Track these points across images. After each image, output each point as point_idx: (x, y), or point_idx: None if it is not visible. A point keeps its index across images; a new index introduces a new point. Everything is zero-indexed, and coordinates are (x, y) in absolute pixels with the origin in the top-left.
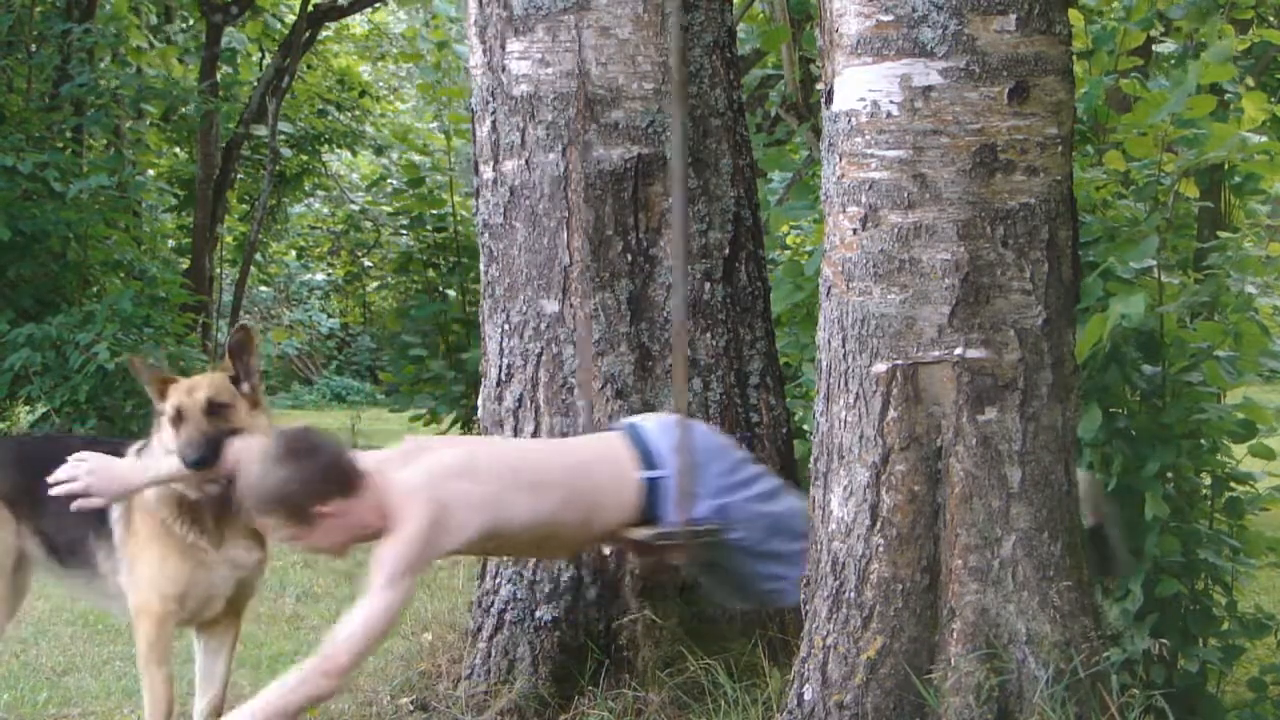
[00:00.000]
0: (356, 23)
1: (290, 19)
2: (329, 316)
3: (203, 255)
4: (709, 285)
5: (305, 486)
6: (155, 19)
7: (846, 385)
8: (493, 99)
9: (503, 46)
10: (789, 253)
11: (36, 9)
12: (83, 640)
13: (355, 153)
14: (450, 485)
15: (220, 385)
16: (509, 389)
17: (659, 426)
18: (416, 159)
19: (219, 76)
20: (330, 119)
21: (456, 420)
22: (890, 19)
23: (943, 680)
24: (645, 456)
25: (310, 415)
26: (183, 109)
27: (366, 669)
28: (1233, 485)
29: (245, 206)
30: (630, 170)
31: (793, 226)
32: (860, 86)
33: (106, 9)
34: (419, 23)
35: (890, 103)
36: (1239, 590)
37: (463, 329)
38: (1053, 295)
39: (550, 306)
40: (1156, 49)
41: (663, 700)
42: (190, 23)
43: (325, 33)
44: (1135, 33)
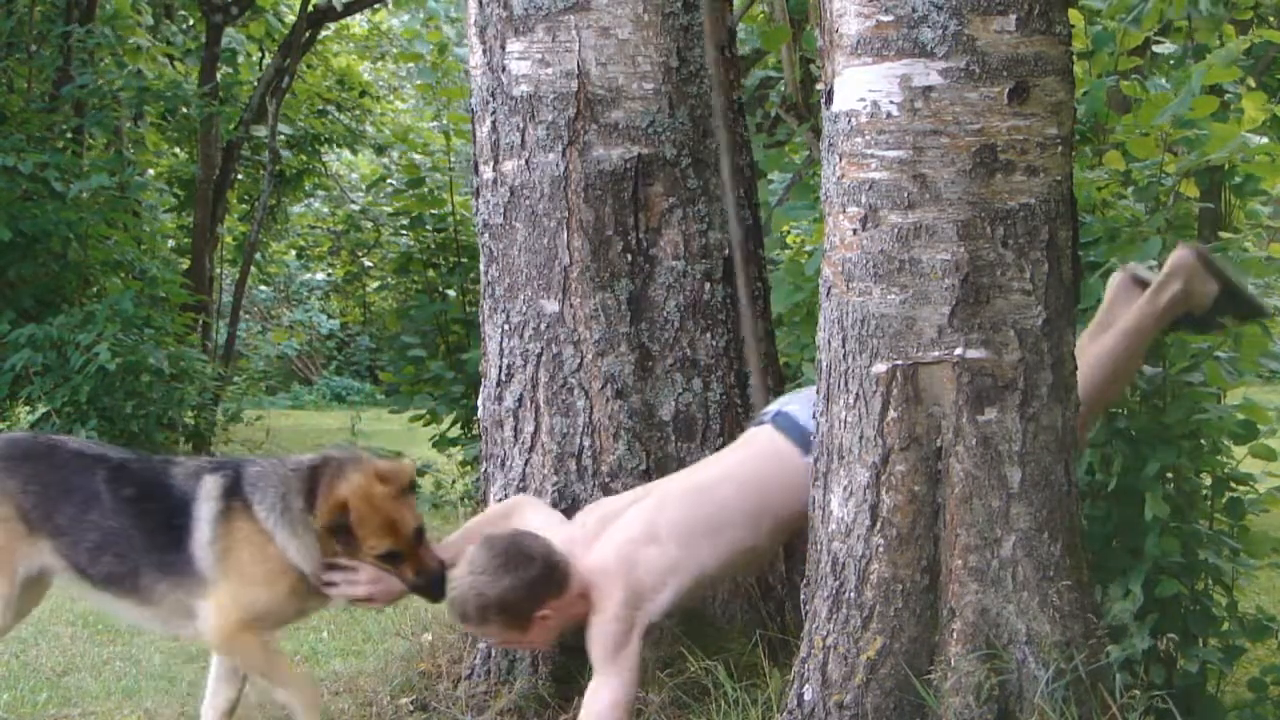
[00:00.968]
0: (356, 22)
1: (290, 19)
2: (329, 317)
3: (203, 255)
4: (709, 285)
5: (527, 594)
6: (153, 20)
7: (846, 385)
8: (493, 99)
9: (503, 46)
10: (789, 252)
11: (37, 9)
12: (83, 640)
13: (356, 152)
14: (639, 556)
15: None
16: (509, 389)
17: (803, 405)
18: (417, 159)
19: (219, 77)
20: (330, 118)
21: (456, 420)
22: (890, 19)
23: (943, 680)
24: (803, 440)
25: (310, 415)
26: (183, 110)
27: (366, 669)
28: (1233, 486)
29: (245, 206)
30: (630, 170)
31: (792, 226)
32: (860, 87)
33: (108, 8)
34: (417, 23)
35: (890, 103)
36: (1239, 591)
37: (463, 329)
38: (1053, 295)
39: (550, 306)
40: (1156, 49)
41: (663, 700)
42: (190, 23)
43: (325, 33)
44: (1135, 33)
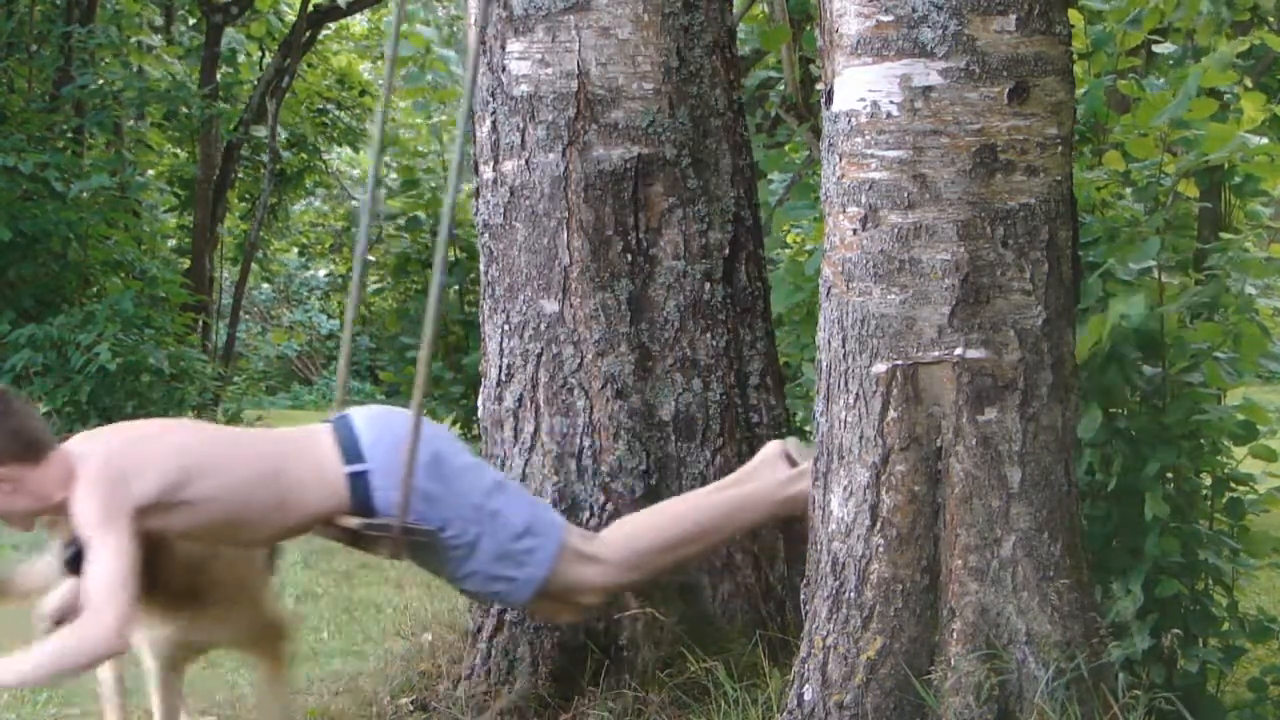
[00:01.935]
0: (356, 21)
1: (290, 19)
2: (329, 317)
3: (203, 255)
4: (709, 285)
5: None
6: (164, 19)
7: (846, 385)
8: (493, 99)
9: (503, 47)
10: (789, 252)
11: (37, 9)
12: None
13: (357, 149)
14: (130, 446)
15: None
16: (509, 389)
17: (367, 419)
18: (416, 157)
19: (219, 77)
20: (330, 115)
21: (456, 420)
22: (890, 19)
23: (943, 680)
24: (349, 449)
25: (310, 415)
26: (184, 110)
27: (366, 669)
28: (1233, 486)
29: (245, 204)
30: (630, 170)
31: (792, 225)
32: (860, 87)
33: (109, 8)
34: (408, 26)
35: (890, 103)
36: (1240, 591)
37: (462, 329)
38: (1053, 295)
39: (550, 306)
40: (1156, 49)
41: (663, 700)
42: (191, 23)
43: (324, 32)
44: (1134, 34)
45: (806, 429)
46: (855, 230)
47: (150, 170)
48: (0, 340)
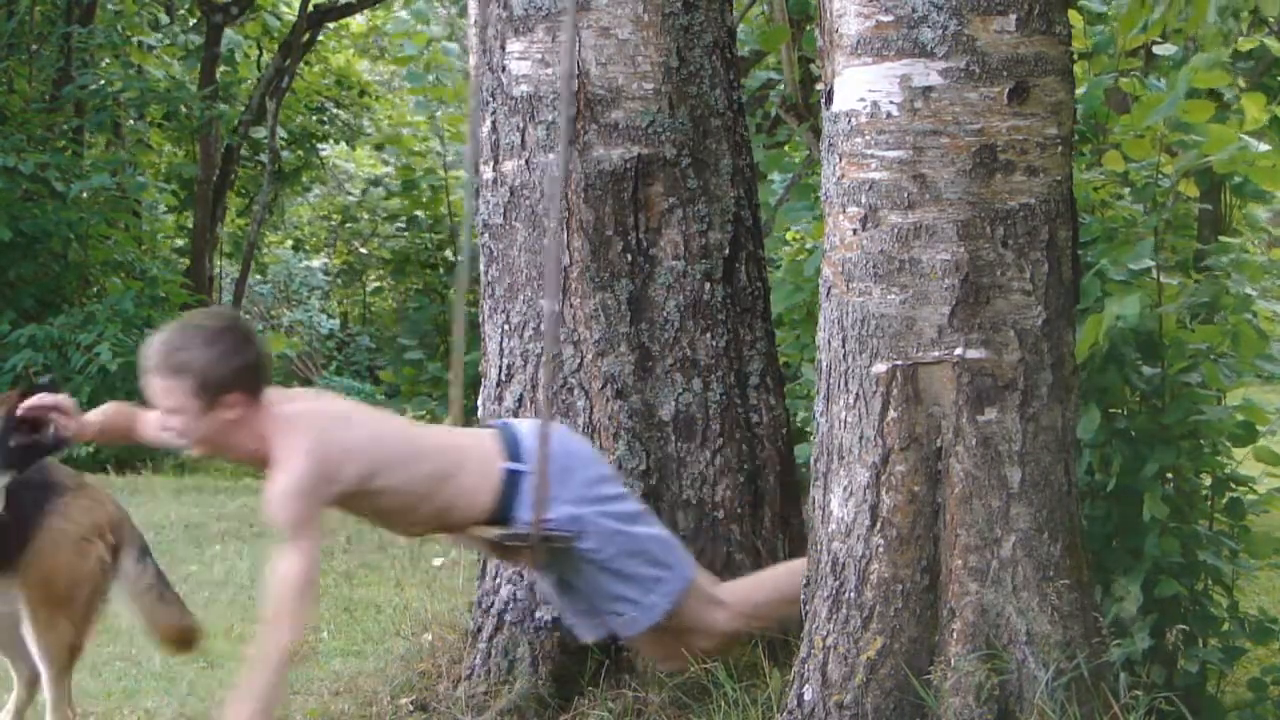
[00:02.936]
0: (355, 20)
1: (289, 17)
2: (329, 317)
3: (203, 255)
4: (709, 285)
5: (232, 370)
6: (168, 17)
7: (846, 385)
8: (492, 99)
9: (503, 47)
10: (789, 250)
11: (37, 9)
12: None
13: (354, 147)
14: (332, 430)
15: None
16: (509, 389)
17: (531, 426)
18: (413, 158)
19: (218, 76)
20: (328, 113)
21: (455, 421)
22: (890, 19)
23: (943, 680)
24: (512, 449)
25: None
26: (184, 110)
27: (366, 669)
28: (1233, 486)
29: (243, 200)
30: (630, 170)
31: (790, 225)
32: (860, 87)
33: (109, 9)
34: (411, 25)
35: (890, 103)
36: (1240, 592)
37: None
38: (1053, 295)
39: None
40: (1156, 50)
41: (663, 700)
42: (191, 23)
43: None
44: (1137, 37)
45: (807, 429)
46: (855, 230)
47: (149, 170)
48: (0, 340)
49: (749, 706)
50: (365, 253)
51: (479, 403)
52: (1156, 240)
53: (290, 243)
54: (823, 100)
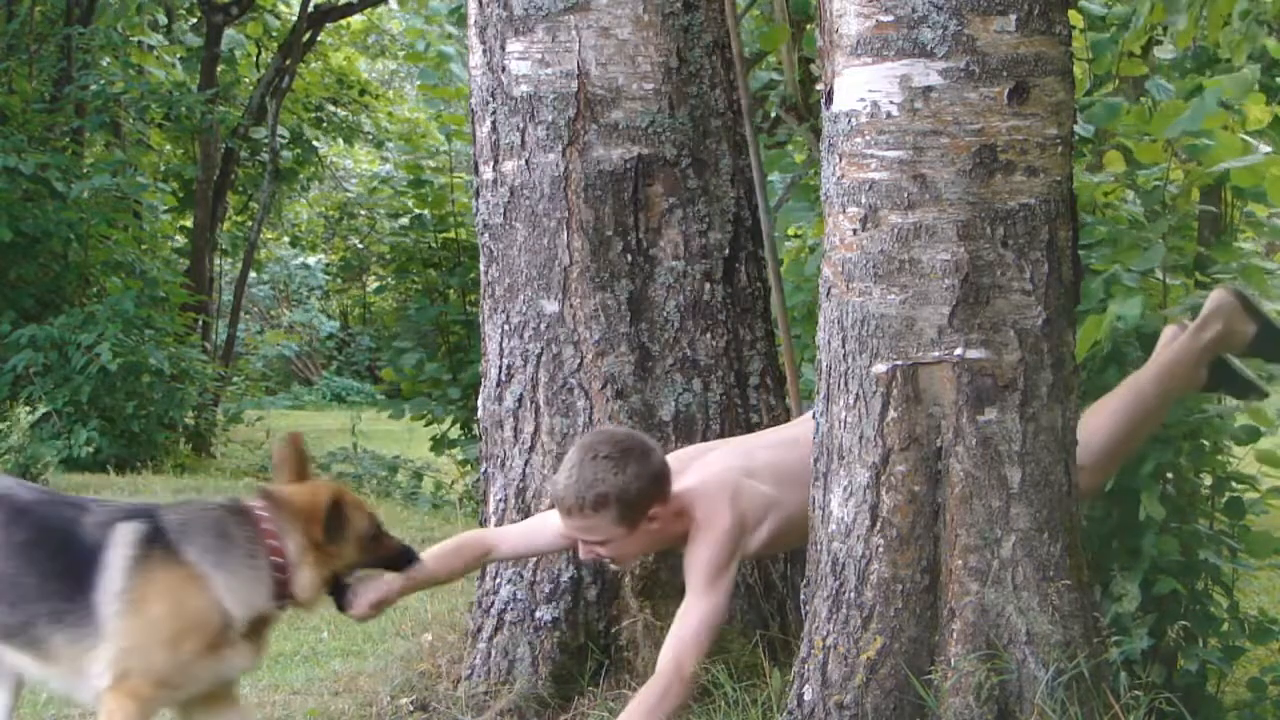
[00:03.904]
0: (355, 19)
1: (289, 17)
2: (329, 317)
3: (203, 255)
4: (709, 285)
5: (647, 487)
6: (166, 18)
7: (846, 385)
8: (493, 99)
9: (503, 47)
10: (789, 250)
11: (37, 9)
12: None
13: (352, 144)
14: (743, 485)
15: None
16: (509, 389)
17: None
18: (421, 155)
19: (218, 76)
20: (327, 111)
21: (455, 421)
22: (890, 19)
23: (943, 680)
24: None
25: (310, 415)
26: (184, 111)
27: (366, 669)
28: (1234, 485)
29: (242, 198)
30: (630, 170)
31: (791, 224)
32: (860, 87)
33: (109, 9)
34: (420, 21)
35: (890, 103)
36: (1240, 592)
37: (463, 330)
38: (1053, 295)
39: (550, 306)
40: (1156, 51)
41: None
42: (193, 22)
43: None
44: (1137, 35)
45: None
46: (855, 230)
47: (149, 170)
48: (1, 340)
49: (749, 706)
50: (363, 248)
51: (479, 403)
52: (1165, 244)
53: (287, 239)
54: (823, 100)
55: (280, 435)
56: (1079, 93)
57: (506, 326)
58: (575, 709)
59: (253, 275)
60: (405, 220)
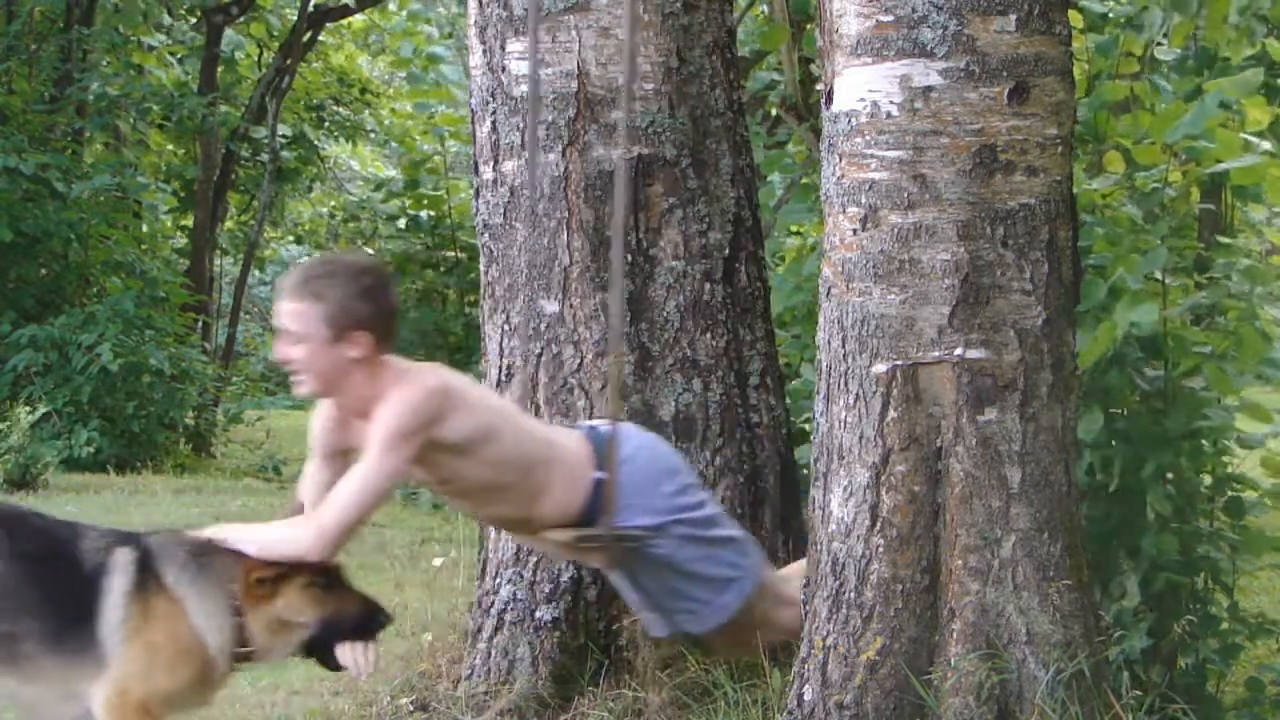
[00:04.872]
0: (355, 18)
1: (291, 18)
2: None
3: (203, 255)
4: (709, 285)
5: (368, 304)
6: (168, 17)
7: (846, 385)
8: (493, 99)
9: (503, 47)
10: (789, 249)
11: (38, 9)
12: None
13: (355, 144)
14: (459, 384)
15: None
16: (509, 389)
17: (623, 434)
18: (416, 156)
19: (219, 76)
20: (328, 110)
21: None
22: (890, 19)
23: (943, 680)
24: (599, 458)
25: (310, 416)
26: (185, 114)
27: None
28: (1234, 485)
29: (242, 196)
30: (630, 170)
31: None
32: (860, 87)
33: (109, 10)
34: (405, 25)
35: (890, 103)
36: (1240, 592)
37: (463, 330)
38: (1053, 295)
39: (550, 307)
40: (1157, 52)
41: (663, 701)
42: (194, 22)
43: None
44: (1137, 39)
45: (806, 428)
46: (855, 230)
47: (149, 170)
48: (1, 340)
49: (749, 706)
50: (369, 252)
51: None
52: (1165, 247)
53: (291, 239)
54: (823, 100)
55: (280, 435)
56: (1080, 93)
57: (506, 327)
58: (575, 709)
59: (254, 275)
60: (403, 223)
